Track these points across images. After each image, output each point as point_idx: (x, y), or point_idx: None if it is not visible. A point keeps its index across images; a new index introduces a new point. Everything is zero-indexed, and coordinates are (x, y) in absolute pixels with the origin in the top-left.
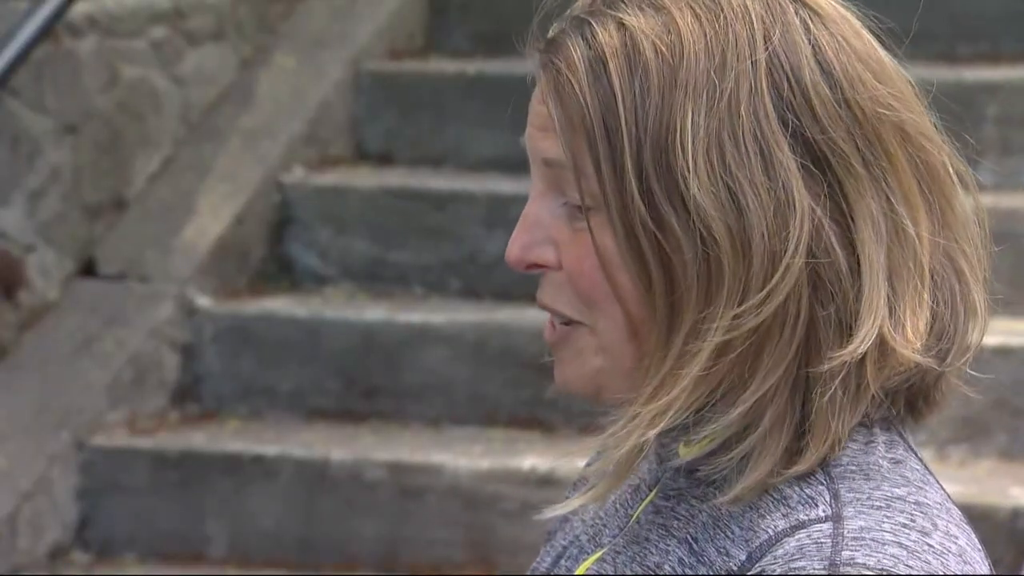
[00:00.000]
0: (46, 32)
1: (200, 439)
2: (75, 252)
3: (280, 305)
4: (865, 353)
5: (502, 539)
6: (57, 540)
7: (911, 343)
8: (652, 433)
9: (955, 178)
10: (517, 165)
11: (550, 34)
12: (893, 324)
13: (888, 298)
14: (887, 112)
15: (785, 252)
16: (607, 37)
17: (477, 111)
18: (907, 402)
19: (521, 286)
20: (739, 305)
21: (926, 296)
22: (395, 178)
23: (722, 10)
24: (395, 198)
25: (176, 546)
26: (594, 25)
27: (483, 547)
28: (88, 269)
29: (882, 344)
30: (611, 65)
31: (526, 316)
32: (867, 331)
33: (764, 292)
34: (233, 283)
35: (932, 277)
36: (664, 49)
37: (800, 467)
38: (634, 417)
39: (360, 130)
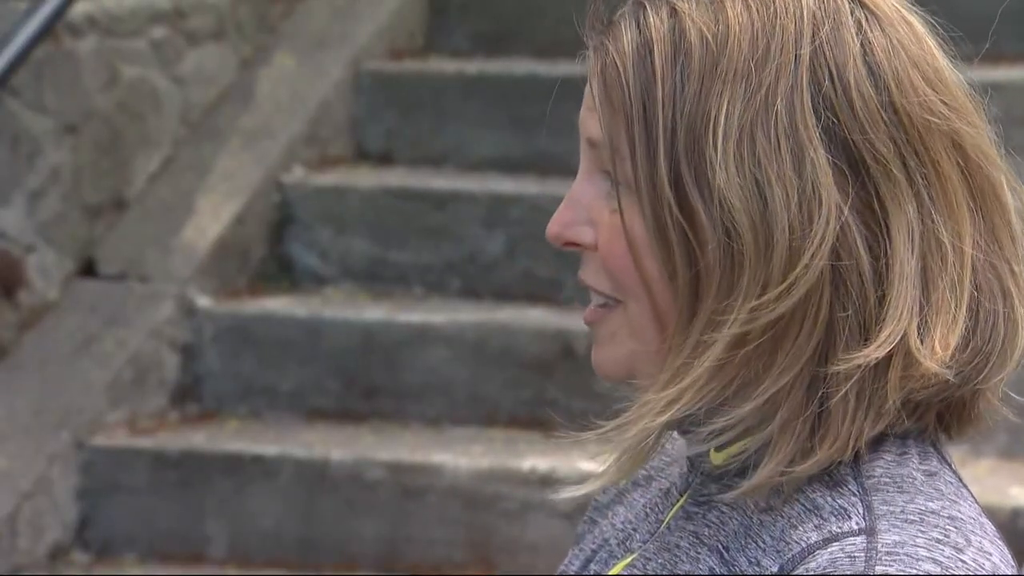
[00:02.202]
0: (46, 32)
1: (200, 439)
2: (75, 252)
3: (280, 305)
4: (889, 361)
5: (502, 539)
6: (57, 540)
7: (937, 355)
8: (661, 420)
9: (1010, 196)
10: (517, 165)
11: (615, 17)
12: (921, 334)
13: (919, 307)
14: (937, 120)
15: (806, 250)
16: (657, 22)
17: (477, 111)
18: (938, 417)
19: (521, 286)
20: (758, 298)
21: (962, 311)
22: (395, 178)
23: (774, 3)
24: (395, 198)
25: (176, 546)
26: (648, 9)
27: (483, 547)
28: (88, 269)
29: (907, 354)
30: (656, 50)
31: (526, 316)
32: (887, 337)
33: (782, 287)
34: (233, 283)
35: (975, 293)
36: (710, 37)
37: (804, 468)
38: (645, 404)
39: (360, 130)
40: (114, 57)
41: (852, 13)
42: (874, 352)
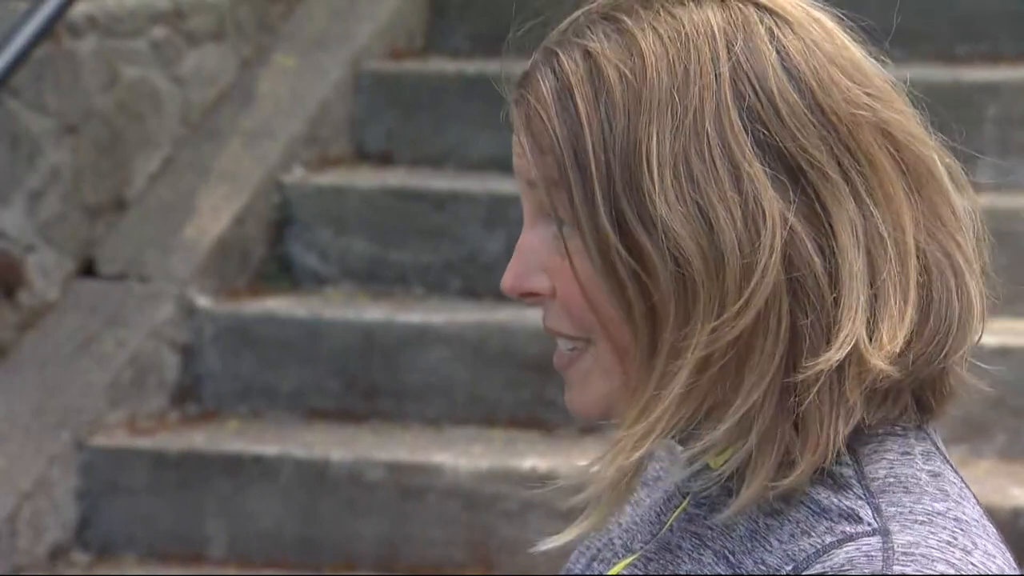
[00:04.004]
0: (46, 32)
1: (200, 439)
2: (75, 252)
3: (280, 305)
4: (845, 360)
5: (502, 539)
6: (57, 540)
7: (885, 348)
8: (636, 456)
9: (944, 172)
10: None
11: (526, 68)
12: (870, 330)
13: (869, 304)
14: (864, 113)
15: (758, 263)
16: (572, 66)
17: (477, 111)
18: (915, 398)
19: None
20: (716, 318)
21: (910, 300)
22: (395, 178)
23: (683, 27)
24: (395, 198)
25: (176, 546)
26: (561, 55)
27: (483, 547)
28: (88, 269)
29: (859, 351)
30: (576, 93)
31: (526, 316)
32: (845, 338)
33: (739, 303)
34: (233, 283)
35: (925, 275)
36: (628, 72)
37: (790, 481)
38: (617, 442)
39: (360, 130)
40: (114, 57)
41: (762, 21)
42: (835, 355)
